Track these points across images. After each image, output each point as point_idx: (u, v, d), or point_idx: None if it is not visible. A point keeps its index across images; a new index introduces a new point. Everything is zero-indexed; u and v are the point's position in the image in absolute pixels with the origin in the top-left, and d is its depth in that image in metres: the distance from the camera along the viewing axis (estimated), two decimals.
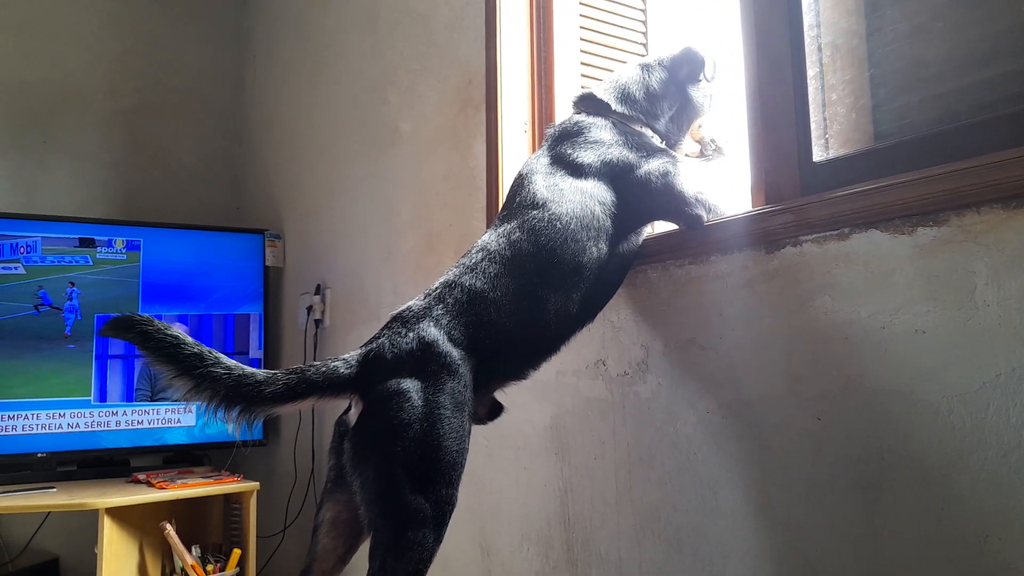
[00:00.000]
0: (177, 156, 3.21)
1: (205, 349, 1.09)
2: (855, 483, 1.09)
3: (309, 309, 2.63)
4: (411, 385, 1.10)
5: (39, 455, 2.46)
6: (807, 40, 1.26)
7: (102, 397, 2.55)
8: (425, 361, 1.12)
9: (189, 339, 1.08)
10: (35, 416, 2.46)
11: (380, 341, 1.15)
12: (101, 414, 2.55)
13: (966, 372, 0.98)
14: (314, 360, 2.59)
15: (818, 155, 1.23)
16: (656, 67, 1.45)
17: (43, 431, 2.47)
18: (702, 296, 1.33)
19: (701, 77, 1.46)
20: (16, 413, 2.44)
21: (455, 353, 1.14)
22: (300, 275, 2.83)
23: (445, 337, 1.14)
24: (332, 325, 2.59)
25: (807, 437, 1.14)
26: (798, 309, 1.17)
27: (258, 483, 2.36)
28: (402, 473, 1.06)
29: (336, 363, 1.13)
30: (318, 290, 2.63)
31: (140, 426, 2.59)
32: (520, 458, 1.71)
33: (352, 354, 1.16)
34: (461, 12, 2.05)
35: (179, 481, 2.26)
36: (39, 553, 2.65)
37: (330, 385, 1.12)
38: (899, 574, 1.03)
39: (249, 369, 1.10)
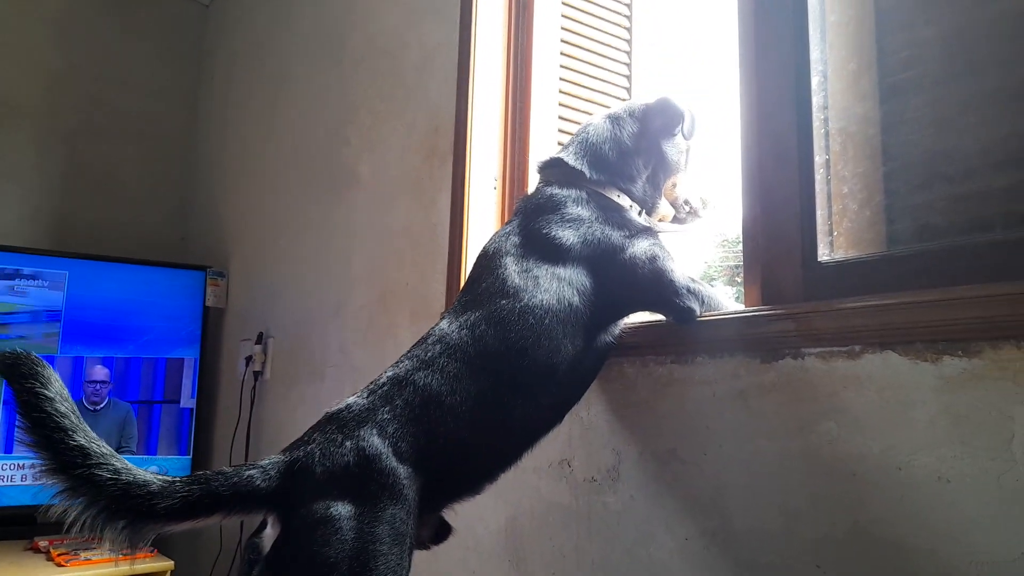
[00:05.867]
0: (120, 181, 2.98)
1: (95, 442, 0.91)
2: None
3: (249, 359, 2.41)
4: (343, 511, 0.91)
5: None
6: (815, 123, 1.12)
7: (7, 448, 2.29)
8: (363, 481, 0.93)
9: (80, 424, 0.91)
10: None
11: (309, 448, 0.96)
12: (4, 467, 2.28)
13: (1000, 537, 0.83)
14: (250, 413, 2.39)
15: (823, 254, 1.09)
16: (627, 119, 1.29)
17: None
18: (685, 402, 1.17)
19: (677, 131, 1.30)
20: None
21: (401, 471, 0.95)
22: (242, 319, 2.61)
23: (390, 450, 0.96)
24: (273, 378, 2.37)
25: None
26: (797, 433, 1.01)
27: (172, 562, 2.11)
28: None
29: (251, 472, 0.94)
30: (260, 339, 2.42)
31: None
32: (468, 560, 1.52)
33: (273, 460, 0.97)
34: (432, 52, 1.90)
35: (84, 555, 2.01)
36: None
37: (241, 501, 0.93)
38: None
39: (143, 475, 0.91)
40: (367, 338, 1.95)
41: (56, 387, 0.90)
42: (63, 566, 1.93)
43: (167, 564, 2.08)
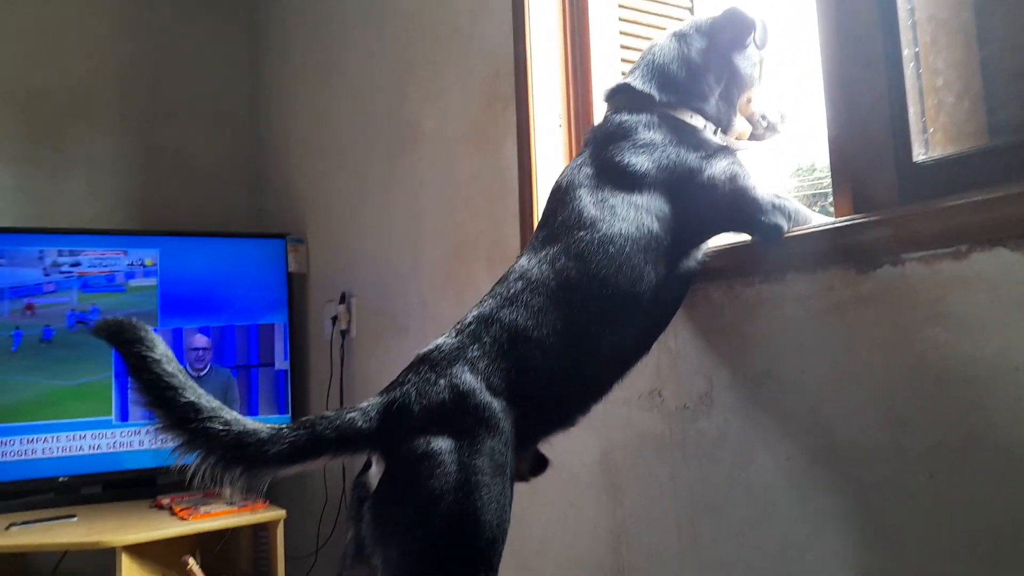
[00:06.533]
0: (195, 160, 3.07)
1: (204, 398, 0.95)
2: (981, 557, 0.90)
3: (334, 319, 2.48)
4: (443, 445, 0.93)
5: (60, 479, 2.37)
6: (901, 15, 1.05)
7: (123, 416, 2.45)
8: (460, 415, 0.95)
9: (188, 381, 0.95)
10: (55, 439, 2.36)
11: (405, 388, 0.99)
12: (123, 434, 2.45)
13: None
14: (340, 371, 2.47)
15: (919, 153, 1.03)
16: (693, 35, 1.23)
17: (64, 454, 2.37)
18: (777, 321, 1.14)
19: (749, 43, 1.24)
20: (35, 437, 2.34)
21: (495, 405, 0.97)
22: (325, 282, 2.69)
23: (483, 385, 0.97)
24: (359, 336, 2.44)
25: (918, 498, 0.95)
26: (901, 342, 0.97)
27: (285, 511, 2.23)
28: (432, 554, 0.90)
29: (352, 414, 0.97)
30: (343, 299, 2.48)
31: (164, 445, 2.48)
32: (567, 492, 1.54)
33: (372, 402, 1.00)
34: None
35: (203, 508, 2.14)
36: None
37: (345, 442, 0.96)
38: None
39: (251, 424, 0.95)
40: (446, 289, 1.98)
41: (161, 348, 0.94)
42: (185, 519, 2.07)
43: (280, 513, 2.20)
